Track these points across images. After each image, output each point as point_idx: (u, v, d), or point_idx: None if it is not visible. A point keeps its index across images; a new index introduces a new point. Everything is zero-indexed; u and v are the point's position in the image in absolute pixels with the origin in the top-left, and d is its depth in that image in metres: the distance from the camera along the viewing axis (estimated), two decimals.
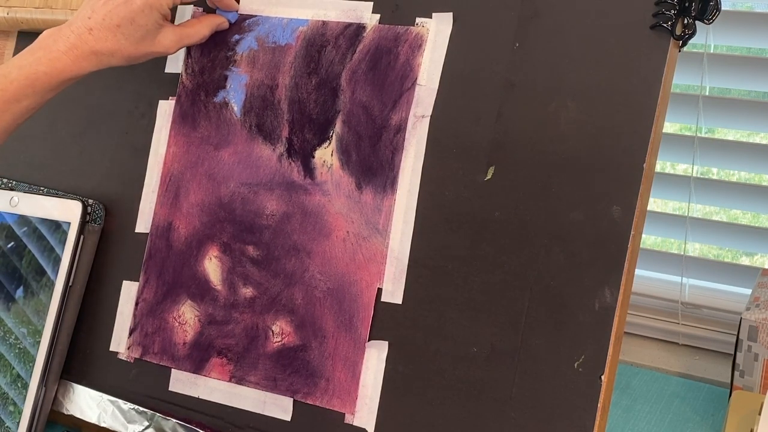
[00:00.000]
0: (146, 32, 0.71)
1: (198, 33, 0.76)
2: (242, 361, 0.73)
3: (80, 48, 0.69)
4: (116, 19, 0.69)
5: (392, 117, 0.70)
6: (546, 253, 0.64)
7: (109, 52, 0.70)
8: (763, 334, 0.91)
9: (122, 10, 0.69)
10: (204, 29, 0.76)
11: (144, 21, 0.70)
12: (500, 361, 0.64)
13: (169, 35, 0.73)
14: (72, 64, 0.69)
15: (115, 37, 0.70)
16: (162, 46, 0.73)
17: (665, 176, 1.14)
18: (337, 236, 0.71)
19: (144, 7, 0.70)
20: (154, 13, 0.70)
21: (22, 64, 0.69)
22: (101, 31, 0.69)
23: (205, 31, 0.76)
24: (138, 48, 0.71)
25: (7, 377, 0.80)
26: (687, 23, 0.62)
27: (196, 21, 0.76)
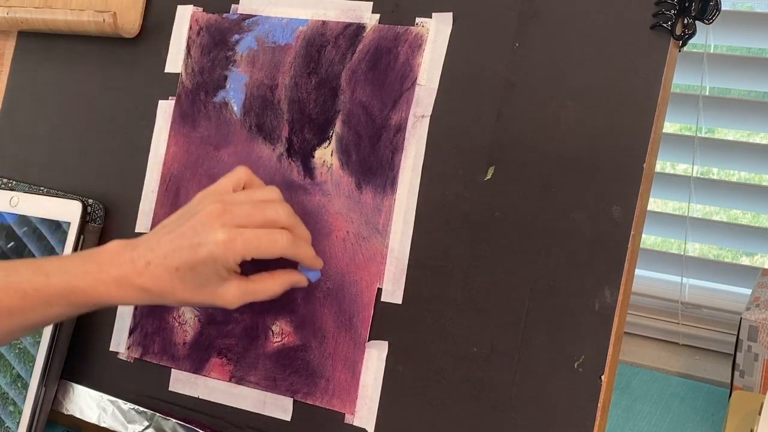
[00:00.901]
0: (206, 282, 0.63)
1: (267, 290, 0.66)
2: (242, 361, 0.73)
3: (131, 280, 0.62)
4: (177, 262, 0.62)
5: (392, 117, 0.70)
6: (546, 253, 0.64)
7: (161, 292, 0.63)
8: (763, 334, 0.91)
9: (185, 255, 0.62)
10: (275, 287, 0.66)
11: (206, 272, 0.62)
12: (500, 361, 0.64)
13: (233, 289, 0.64)
14: (116, 293, 0.63)
15: (171, 279, 0.62)
16: (222, 300, 0.64)
17: (665, 176, 1.14)
18: (337, 236, 0.71)
19: (208, 259, 0.61)
20: (218, 267, 0.62)
21: (68, 270, 0.63)
22: (158, 268, 0.62)
23: (276, 289, 0.66)
24: (194, 296, 0.63)
25: (7, 377, 0.80)
26: (687, 23, 0.62)
27: (269, 276, 0.66)
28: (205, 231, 0.62)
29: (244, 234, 0.62)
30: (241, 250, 0.62)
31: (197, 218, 0.63)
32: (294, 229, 0.66)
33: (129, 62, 0.83)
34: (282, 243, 0.64)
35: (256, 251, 0.63)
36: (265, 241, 0.63)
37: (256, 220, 0.63)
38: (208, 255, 0.61)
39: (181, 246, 0.62)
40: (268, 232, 0.63)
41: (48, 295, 0.62)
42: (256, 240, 0.63)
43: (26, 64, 0.90)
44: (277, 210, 0.64)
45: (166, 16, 0.82)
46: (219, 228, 0.62)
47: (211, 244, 0.61)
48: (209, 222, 0.62)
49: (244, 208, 0.63)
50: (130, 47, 0.83)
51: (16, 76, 0.90)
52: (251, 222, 0.63)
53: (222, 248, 0.61)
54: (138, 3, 0.82)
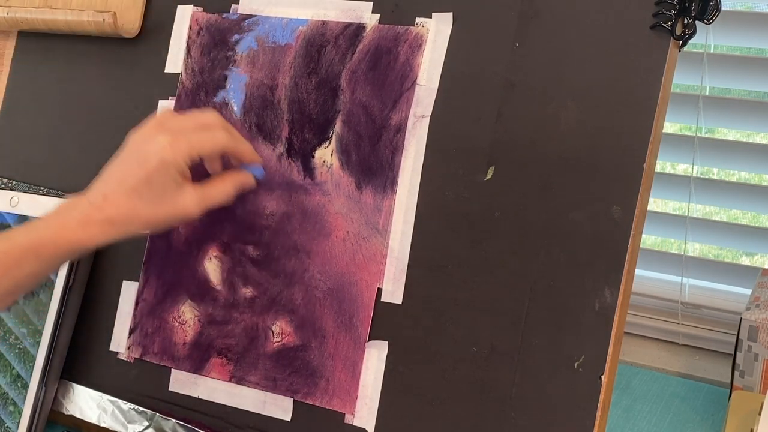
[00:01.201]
0: (164, 192, 0.64)
1: (222, 192, 0.68)
2: (242, 361, 0.73)
3: (93, 216, 0.64)
4: (132, 182, 0.64)
5: (392, 117, 0.70)
6: (546, 253, 0.64)
7: (125, 218, 0.64)
8: (763, 334, 0.91)
9: (137, 172, 0.64)
10: (228, 187, 0.69)
11: (161, 180, 0.64)
12: (500, 361, 0.64)
13: (190, 196, 0.66)
14: (82, 234, 0.64)
15: (131, 201, 0.64)
16: (183, 208, 0.66)
17: (665, 176, 1.14)
18: (337, 236, 0.71)
19: (159, 166, 0.64)
20: (171, 172, 0.64)
21: (30, 229, 0.65)
22: (116, 196, 0.64)
23: (229, 190, 0.69)
24: (157, 211, 0.65)
25: (7, 377, 0.80)
26: (687, 23, 0.62)
27: (220, 179, 0.69)
28: (147, 144, 0.65)
29: (185, 134, 0.66)
30: (186, 148, 0.65)
31: (137, 139, 0.66)
32: (228, 129, 0.69)
33: (129, 62, 0.83)
34: (223, 138, 0.67)
35: (201, 148, 0.66)
36: (207, 138, 0.66)
37: (191, 125, 0.67)
38: (158, 162, 0.64)
39: (131, 167, 0.65)
40: (207, 131, 0.67)
41: (17, 256, 0.64)
42: (197, 137, 0.66)
43: (26, 64, 0.90)
44: (208, 115, 0.68)
45: (166, 16, 0.82)
46: (160, 136, 0.65)
47: (158, 150, 0.64)
48: (149, 136, 0.65)
49: (178, 118, 0.68)
50: (130, 47, 0.83)
51: (16, 76, 0.90)
52: (187, 127, 0.66)
53: (169, 150, 0.64)
54: (138, 3, 0.82)
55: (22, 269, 0.64)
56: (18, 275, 0.64)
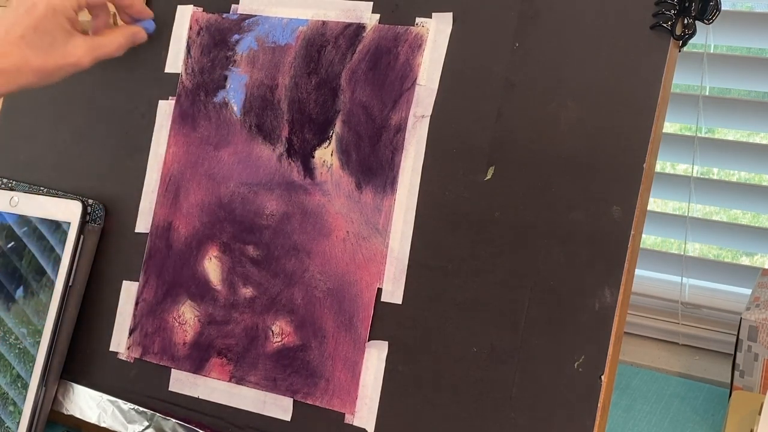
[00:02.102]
0: (53, 40, 0.65)
1: (113, 42, 0.70)
2: (242, 361, 0.73)
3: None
4: (19, 30, 0.64)
5: (392, 117, 0.70)
6: (546, 253, 0.64)
7: (15, 68, 0.64)
8: (763, 334, 0.91)
9: (25, 19, 0.64)
10: (119, 38, 0.71)
11: (49, 27, 0.65)
12: (500, 361, 0.64)
13: (80, 45, 0.67)
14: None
15: (20, 49, 0.64)
16: (74, 57, 0.67)
17: (665, 176, 1.14)
18: (337, 236, 0.71)
19: (47, 11, 0.64)
20: (59, 18, 0.65)
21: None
22: (3, 45, 0.64)
23: (120, 40, 0.71)
24: (47, 60, 0.65)
25: (7, 377, 0.80)
26: (687, 23, 0.62)
27: (110, 31, 0.71)
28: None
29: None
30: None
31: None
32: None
33: (129, 62, 0.83)
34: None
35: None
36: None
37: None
38: (45, 7, 0.64)
39: (18, 15, 0.65)
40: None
41: None
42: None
43: None
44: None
45: (166, 16, 0.81)
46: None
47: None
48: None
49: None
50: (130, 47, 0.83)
51: None
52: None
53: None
54: None
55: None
56: None
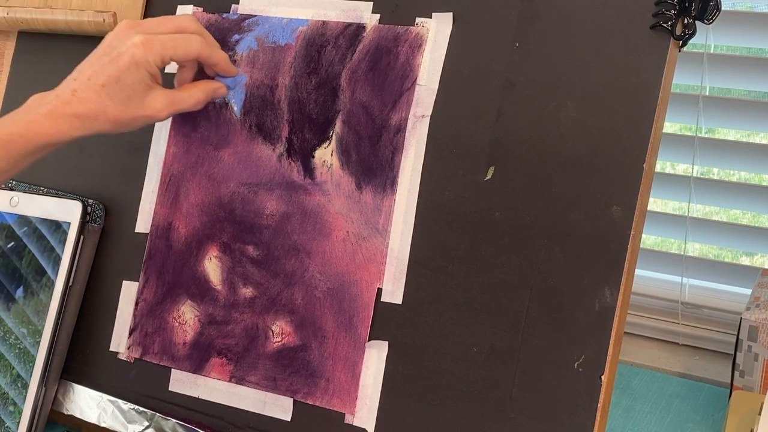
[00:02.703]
0: (133, 92, 0.65)
1: (192, 97, 0.69)
2: (242, 361, 0.73)
3: (61, 110, 0.64)
4: (101, 78, 0.64)
5: (392, 117, 0.70)
6: (546, 253, 0.64)
7: (92, 114, 0.65)
8: (763, 334, 0.91)
9: (107, 69, 0.64)
10: (199, 94, 0.70)
11: (131, 80, 0.65)
12: (500, 361, 0.64)
13: (159, 98, 0.67)
14: (50, 128, 0.64)
15: (100, 97, 0.64)
16: (151, 110, 0.67)
17: (665, 176, 1.14)
18: (337, 236, 0.71)
19: (130, 64, 0.64)
20: (141, 71, 0.65)
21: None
22: (85, 91, 0.64)
23: (199, 96, 0.70)
24: (125, 111, 0.65)
25: (7, 377, 0.80)
26: (687, 23, 0.62)
27: (191, 85, 0.70)
28: (121, 42, 0.65)
29: (159, 36, 0.66)
30: (159, 49, 0.65)
31: (110, 37, 0.66)
32: (203, 36, 0.69)
33: None
34: (197, 43, 0.67)
35: (173, 51, 0.66)
36: (181, 42, 0.66)
37: (167, 27, 0.67)
38: (129, 60, 0.64)
39: (102, 64, 0.65)
40: (182, 35, 0.67)
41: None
42: (171, 41, 0.66)
43: (26, 64, 0.90)
44: (183, 19, 0.68)
45: None
46: (134, 35, 0.65)
47: (130, 48, 0.64)
48: (123, 34, 0.65)
49: (154, 20, 0.67)
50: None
51: (16, 76, 0.90)
52: (162, 28, 0.66)
53: (141, 49, 0.64)
54: (138, 3, 0.82)
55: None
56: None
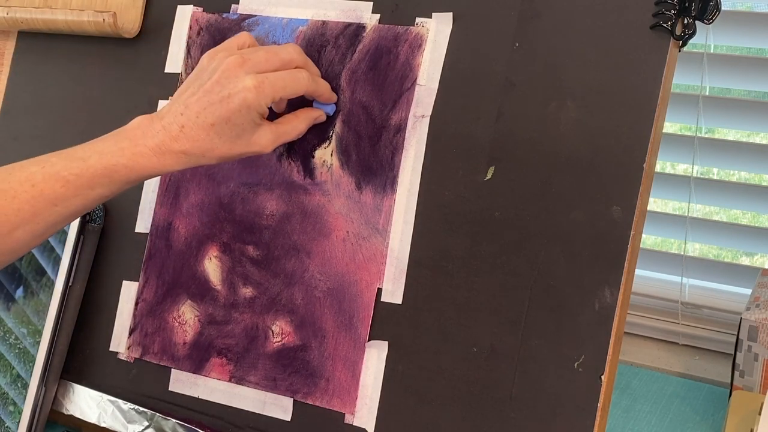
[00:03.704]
0: (242, 132, 0.65)
1: (295, 129, 0.69)
2: (242, 361, 0.73)
3: (169, 146, 0.64)
4: (211, 118, 0.64)
5: (392, 117, 0.70)
6: (546, 253, 0.64)
7: (200, 152, 0.64)
8: (763, 334, 0.91)
9: (218, 109, 0.63)
10: (301, 125, 0.70)
11: (241, 121, 0.64)
12: (500, 361, 0.64)
13: (266, 134, 0.66)
14: (157, 162, 0.64)
15: (209, 136, 0.64)
16: (258, 146, 0.66)
17: (665, 176, 1.14)
18: (337, 236, 0.71)
19: (242, 107, 0.63)
20: (252, 113, 0.64)
21: (104, 151, 0.64)
22: (194, 129, 0.64)
23: (302, 127, 0.70)
24: (232, 148, 0.65)
25: (7, 377, 0.80)
26: (687, 23, 0.62)
27: (293, 116, 0.70)
28: (231, 82, 0.64)
29: (269, 77, 0.65)
30: (270, 92, 0.65)
31: (219, 73, 0.65)
32: (308, 67, 0.69)
33: (129, 62, 0.83)
34: (304, 80, 0.67)
35: (283, 91, 0.66)
36: (290, 80, 0.66)
37: (274, 64, 0.66)
38: (241, 103, 0.63)
39: (212, 102, 0.64)
40: (289, 72, 0.66)
41: (89, 179, 0.64)
42: (281, 81, 0.65)
43: (26, 64, 0.90)
44: (290, 51, 0.67)
45: (166, 16, 0.82)
46: (245, 75, 0.64)
47: (242, 91, 0.63)
48: (233, 73, 0.64)
49: (261, 55, 0.66)
50: (130, 47, 0.83)
51: (16, 76, 0.90)
52: (270, 66, 0.66)
53: (253, 93, 0.64)
54: (138, 3, 0.82)
55: (94, 191, 0.64)
56: (89, 196, 0.64)
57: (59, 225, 0.66)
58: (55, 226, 0.65)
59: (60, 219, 0.65)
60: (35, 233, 0.65)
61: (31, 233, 0.64)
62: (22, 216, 0.63)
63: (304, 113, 0.70)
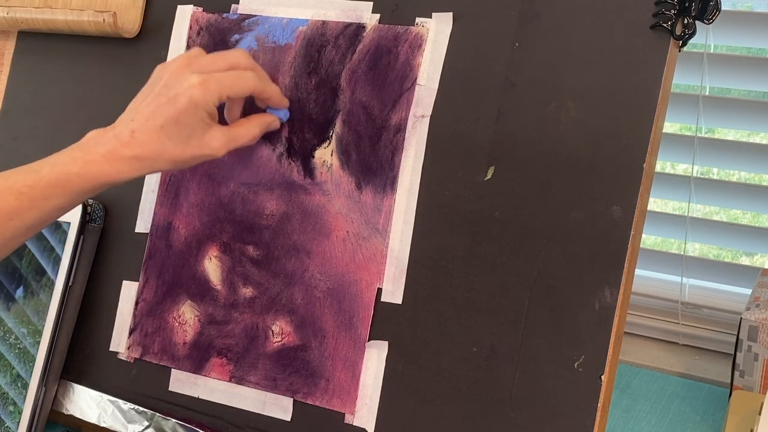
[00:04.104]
0: (192, 132, 0.65)
1: (248, 133, 0.69)
2: (242, 361, 0.73)
3: (120, 152, 0.64)
4: (160, 120, 0.64)
5: (392, 117, 0.70)
6: (546, 253, 0.64)
7: (152, 156, 0.64)
8: (763, 334, 0.91)
9: (166, 110, 0.64)
10: (254, 129, 0.70)
11: (190, 120, 0.64)
12: (500, 361, 0.64)
13: (217, 136, 0.66)
14: (109, 169, 0.64)
15: (159, 139, 0.64)
16: (210, 149, 0.66)
17: (665, 176, 1.14)
18: (337, 236, 0.71)
19: (189, 105, 0.64)
20: (200, 112, 0.64)
21: (56, 162, 0.64)
22: (144, 133, 0.64)
23: (255, 131, 0.70)
24: (184, 151, 0.65)
25: (7, 377, 0.80)
26: (687, 23, 0.62)
27: (246, 120, 0.70)
28: (177, 82, 0.65)
29: (214, 75, 0.65)
30: (216, 88, 0.65)
31: (167, 77, 0.66)
32: (256, 70, 0.69)
33: (129, 62, 0.83)
34: (252, 80, 0.68)
35: (230, 89, 0.66)
36: (237, 79, 0.67)
37: (221, 65, 0.67)
38: (188, 101, 0.64)
39: (160, 104, 0.64)
40: (236, 71, 0.67)
41: (42, 189, 0.64)
42: (228, 79, 0.66)
43: (26, 64, 0.90)
44: (237, 55, 0.68)
45: (166, 16, 0.82)
46: (190, 74, 0.65)
47: (188, 89, 0.64)
48: (179, 74, 0.65)
49: (207, 57, 0.67)
50: (130, 47, 0.83)
51: (16, 76, 0.90)
52: (216, 66, 0.67)
53: (199, 90, 0.64)
54: (138, 3, 0.82)
55: (49, 202, 0.64)
56: (44, 207, 0.64)
57: (17, 240, 0.65)
58: (13, 240, 0.65)
59: (17, 233, 0.64)
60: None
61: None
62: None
63: (257, 118, 0.71)
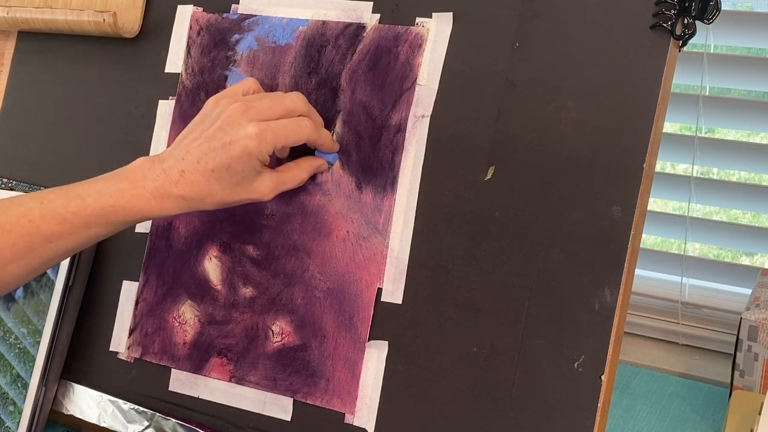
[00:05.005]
0: (242, 179, 0.64)
1: (296, 178, 0.69)
2: (242, 361, 0.73)
3: (168, 190, 0.64)
4: (212, 164, 0.63)
5: (392, 117, 0.70)
6: (546, 253, 0.64)
7: (199, 197, 0.64)
8: (763, 334, 0.91)
9: (219, 155, 0.63)
10: (302, 173, 0.69)
11: (241, 168, 0.64)
12: (500, 361, 0.64)
13: (267, 182, 0.66)
14: (155, 206, 0.64)
15: (208, 182, 0.63)
16: (258, 193, 0.66)
17: (665, 176, 1.14)
18: (337, 236, 0.71)
19: (243, 154, 0.63)
20: (252, 161, 0.64)
21: (102, 191, 0.64)
22: (194, 174, 0.63)
23: (303, 176, 0.69)
24: (232, 195, 0.65)
25: (7, 377, 0.80)
26: (687, 23, 0.62)
27: (295, 165, 0.69)
28: (234, 129, 0.64)
29: (271, 125, 0.64)
30: (272, 140, 0.64)
31: (222, 120, 0.64)
32: (311, 116, 0.69)
33: (129, 62, 0.83)
34: (307, 129, 0.67)
35: (285, 139, 0.65)
36: (292, 129, 0.66)
37: (277, 112, 0.66)
38: (242, 150, 0.63)
39: (213, 148, 0.63)
40: (292, 120, 0.66)
41: (86, 218, 0.64)
42: (284, 129, 0.65)
43: (26, 64, 0.90)
44: (294, 100, 0.67)
45: (166, 16, 0.82)
46: (247, 123, 0.64)
47: (244, 139, 0.63)
48: (236, 120, 0.64)
49: (265, 102, 0.66)
50: (130, 47, 0.83)
51: (16, 76, 0.90)
52: (273, 114, 0.66)
53: (255, 141, 0.63)
54: (138, 3, 0.82)
55: (91, 230, 0.64)
56: (85, 235, 0.64)
57: (53, 261, 0.66)
58: (50, 262, 0.65)
59: (54, 255, 0.65)
60: (29, 268, 0.65)
61: (25, 268, 0.64)
62: (16, 251, 0.63)
63: (307, 162, 0.70)
